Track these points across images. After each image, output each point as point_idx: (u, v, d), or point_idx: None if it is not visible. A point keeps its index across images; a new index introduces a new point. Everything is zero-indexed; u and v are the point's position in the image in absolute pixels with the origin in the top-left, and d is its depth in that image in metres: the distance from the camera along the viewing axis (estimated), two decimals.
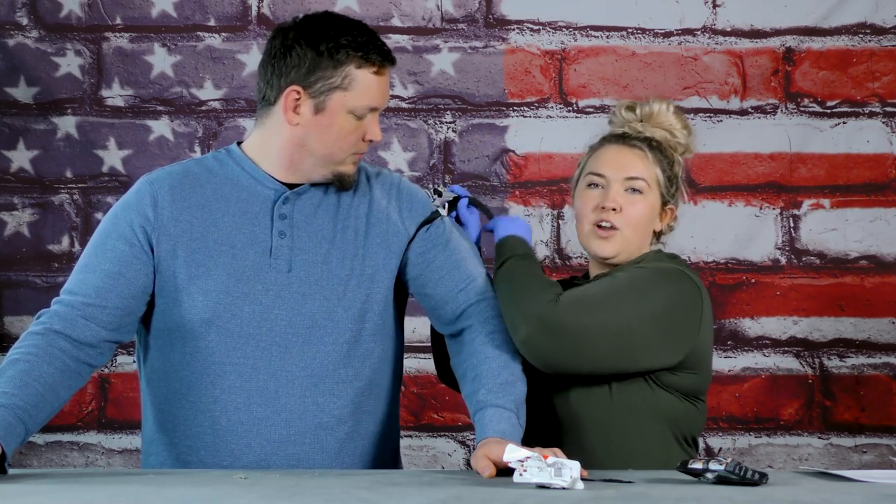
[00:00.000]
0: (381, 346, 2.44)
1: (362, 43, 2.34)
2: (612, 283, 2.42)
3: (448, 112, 3.65)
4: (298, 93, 2.35)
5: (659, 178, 2.51)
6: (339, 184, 2.41)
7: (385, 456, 2.47)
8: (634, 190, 2.50)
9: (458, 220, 2.57)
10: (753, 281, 3.62)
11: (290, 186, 2.41)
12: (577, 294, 2.39)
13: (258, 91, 2.41)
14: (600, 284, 2.43)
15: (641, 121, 2.56)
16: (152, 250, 2.37)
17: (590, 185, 2.53)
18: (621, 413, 2.42)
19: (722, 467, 2.02)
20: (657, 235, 2.59)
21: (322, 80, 2.34)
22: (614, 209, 2.48)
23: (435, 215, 2.48)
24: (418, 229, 2.44)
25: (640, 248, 2.53)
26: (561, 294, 2.38)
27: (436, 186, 2.59)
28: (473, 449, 2.26)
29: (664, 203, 2.54)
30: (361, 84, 2.35)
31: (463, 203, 2.56)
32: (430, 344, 2.64)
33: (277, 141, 2.39)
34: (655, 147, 2.53)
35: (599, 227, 2.49)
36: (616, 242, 2.49)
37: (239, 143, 2.46)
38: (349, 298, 2.39)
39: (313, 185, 2.42)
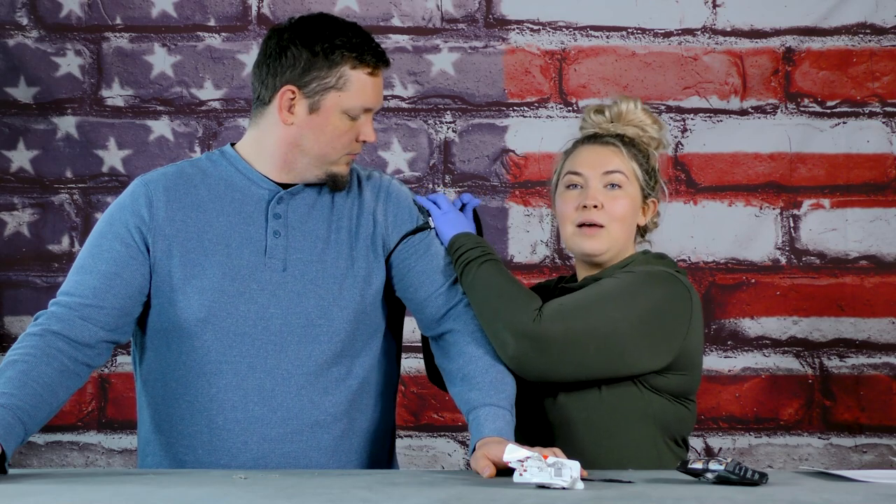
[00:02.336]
0: (375, 345, 2.44)
1: (357, 44, 2.36)
2: (598, 289, 2.41)
3: (448, 112, 3.65)
4: (293, 92, 2.36)
5: (636, 172, 2.52)
6: (333, 184, 2.42)
7: (380, 454, 2.48)
8: (613, 185, 2.50)
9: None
10: (753, 281, 3.62)
11: (284, 187, 2.42)
12: (559, 302, 2.39)
13: (253, 91, 2.43)
14: (586, 291, 2.42)
15: (612, 121, 2.57)
16: (148, 250, 2.37)
17: (568, 186, 2.52)
18: (611, 416, 2.42)
19: (722, 467, 2.01)
20: (641, 232, 2.58)
21: (317, 79, 2.35)
22: (596, 206, 2.48)
23: (423, 227, 2.48)
24: (402, 238, 2.45)
25: (627, 244, 2.53)
26: (542, 306, 2.37)
27: (419, 204, 2.56)
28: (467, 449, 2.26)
29: (645, 197, 2.54)
30: (356, 84, 2.36)
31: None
32: None
33: (272, 140, 2.40)
34: (629, 142, 2.54)
35: (583, 226, 2.49)
36: (603, 239, 2.49)
37: (233, 145, 2.47)
38: (344, 298, 2.40)
39: (307, 185, 2.42)
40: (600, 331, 2.35)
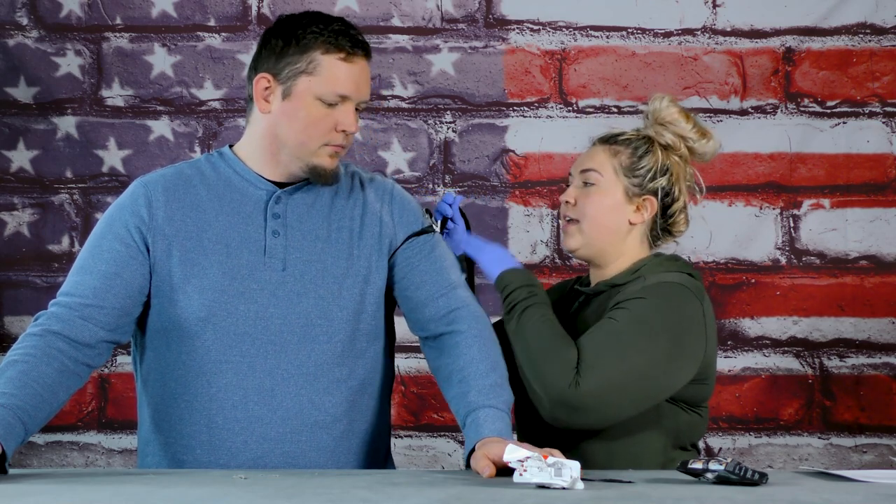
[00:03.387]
0: (374, 345, 2.44)
1: (333, 30, 2.35)
2: (616, 332, 2.40)
3: (448, 112, 3.65)
4: (268, 80, 2.37)
5: (616, 168, 2.53)
6: (316, 177, 2.40)
7: (378, 455, 2.48)
8: (587, 183, 2.54)
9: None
10: (753, 281, 3.62)
11: (283, 186, 2.42)
12: (590, 359, 2.38)
13: (247, 92, 2.44)
14: (606, 335, 2.40)
15: (654, 123, 2.59)
16: (148, 250, 2.37)
17: (566, 186, 2.61)
18: (624, 425, 2.42)
19: (722, 467, 2.01)
20: (658, 232, 2.57)
21: (289, 65, 2.35)
22: (568, 202, 2.55)
23: (428, 230, 2.49)
24: (407, 238, 2.45)
25: (618, 243, 2.53)
26: (578, 364, 2.37)
27: (427, 207, 2.59)
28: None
29: (635, 195, 2.53)
30: (327, 69, 2.35)
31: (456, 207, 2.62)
32: None
33: (257, 135, 2.41)
34: (625, 142, 2.54)
35: (565, 222, 2.57)
36: (575, 235, 2.55)
37: (231, 146, 2.47)
38: (344, 298, 2.39)
39: (306, 185, 2.42)
40: (630, 382, 2.37)
